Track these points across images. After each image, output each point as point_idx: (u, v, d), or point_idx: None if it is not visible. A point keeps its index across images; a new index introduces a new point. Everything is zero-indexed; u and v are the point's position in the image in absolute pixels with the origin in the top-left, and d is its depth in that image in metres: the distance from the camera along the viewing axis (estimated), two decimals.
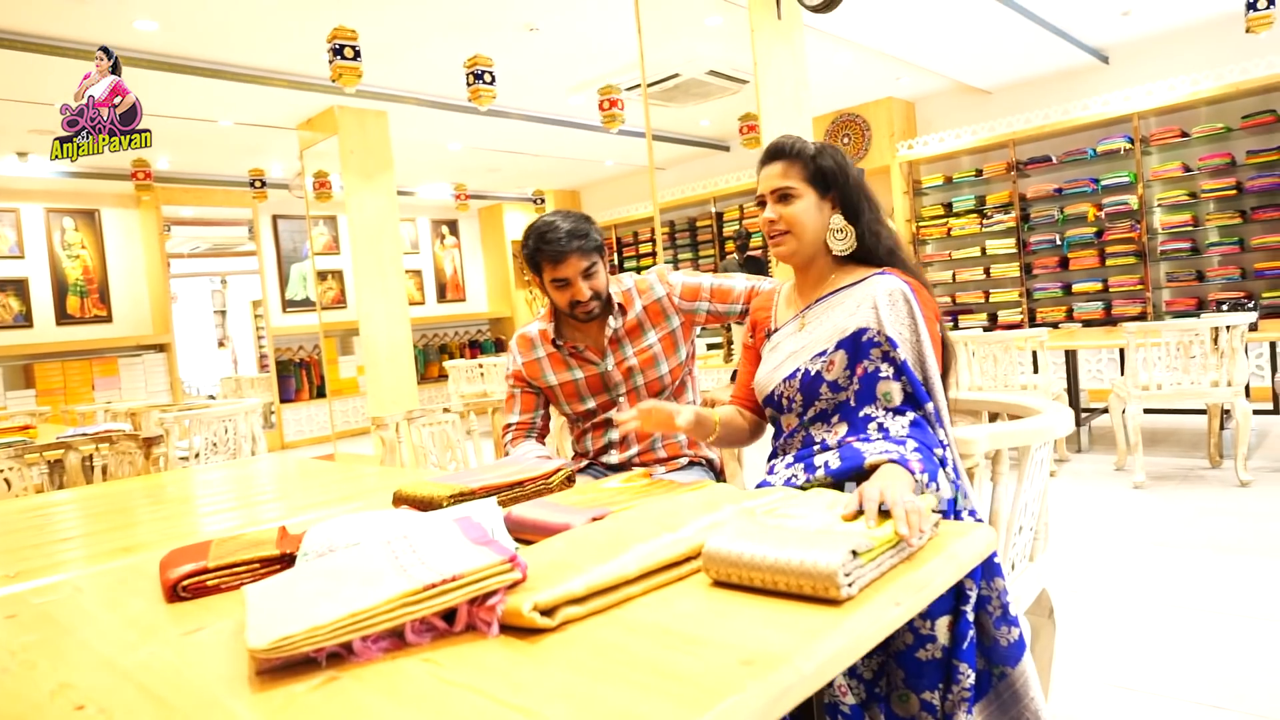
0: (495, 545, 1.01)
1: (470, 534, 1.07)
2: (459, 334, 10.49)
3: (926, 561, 1.04)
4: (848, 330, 1.41)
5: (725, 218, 8.67)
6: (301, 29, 4.54)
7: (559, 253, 1.89)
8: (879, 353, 1.37)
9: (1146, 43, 6.20)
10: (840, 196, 1.49)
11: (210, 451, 3.81)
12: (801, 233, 1.48)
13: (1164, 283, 6.22)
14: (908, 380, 1.35)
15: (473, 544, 1.03)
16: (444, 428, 2.74)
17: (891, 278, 1.42)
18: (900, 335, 1.37)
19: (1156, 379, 3.69)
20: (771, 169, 1.51)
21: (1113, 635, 2.31)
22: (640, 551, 1.05)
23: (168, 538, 1.56)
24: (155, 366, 7.78)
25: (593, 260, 1.92)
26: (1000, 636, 1.18)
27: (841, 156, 1.51)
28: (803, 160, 1.49)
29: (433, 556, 1.01)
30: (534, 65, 5.53)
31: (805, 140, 1.52)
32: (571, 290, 1.91)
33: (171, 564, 1.23)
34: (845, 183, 1.49)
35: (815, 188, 1.48)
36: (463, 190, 9.25)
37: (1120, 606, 2.50)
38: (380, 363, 5.85)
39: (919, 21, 5.30)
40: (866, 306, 1.40)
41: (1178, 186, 6.06)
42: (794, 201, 1.48)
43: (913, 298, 1.39)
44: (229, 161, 7.33)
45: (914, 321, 1.38)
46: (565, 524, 1.22)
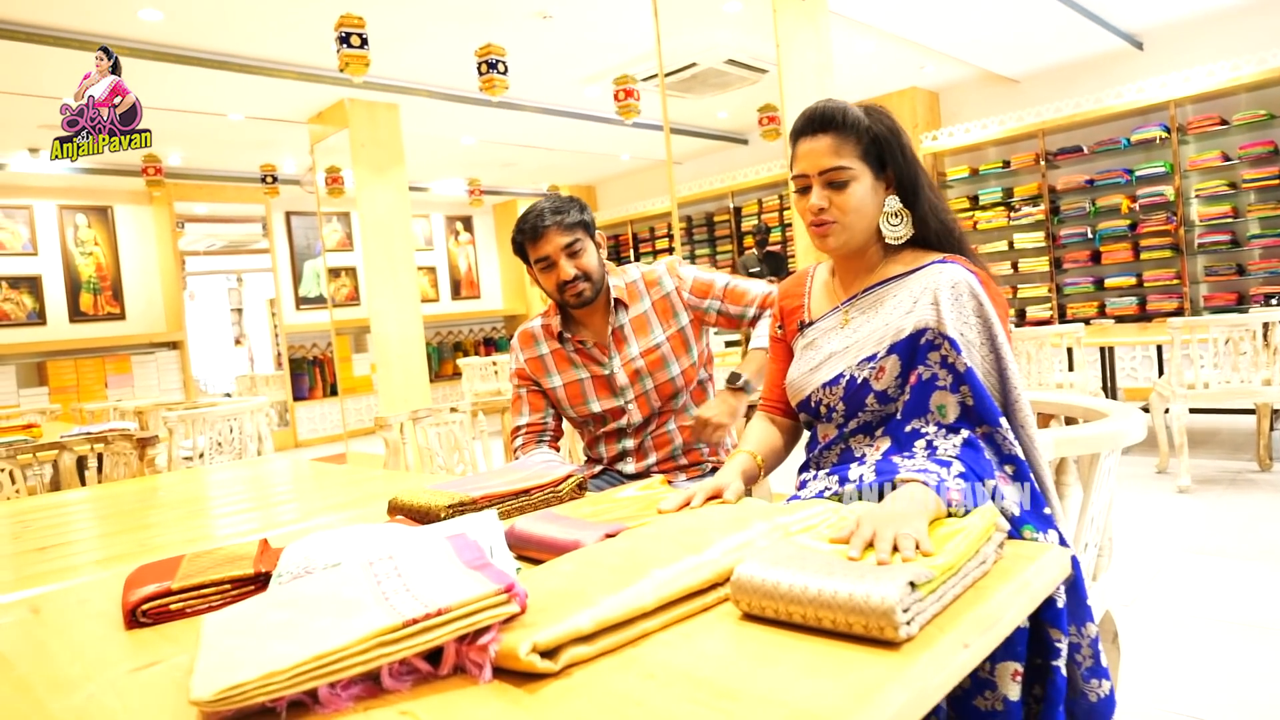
0: (490, 570, 0.87)
1: (464, 555, 0.93)
2: (473, 331, 10.39)
3: (993, 591, 0.89)
4: (904, 331, 1.19)
5: (744, 212, 8.50)
6: (310, 18, 4.43)
7: (537, 229, 1.77)
8: (936, 357, 1.15)
9: (1183, 26, 5.96)
10: (897, 173, 1.25)
11: (215, 451, 3.70)
12: (855, 221, 1.24)
13: (1202, 277, 5.99)
14: (970, 391, 1.12)
15: (466, 568, 0.89)
16: (451, 428, 2.61)
17: (955, 267, 1.19)
18: (964, 337, 1.14)
19: (1203, 377, 3.49)
20: (816, 144, 1.24)
21: (1168, 656, 2.13)
22: (658, 578, 0.89)
23: (145, 549, 1.43)
24: (168, 364, 7.73)
25: (575, 236, 1.78)
26: (1090, 691, 1.00)
27: (893, 121, 1.27)
28: (856, 132, 1.23)
29: (419, 582, 0.87)
30: (548, 55, 5.39)
31: (850, 105, 1.25)
32: (556, 271, 1.78)
33: (136, 583, 1.10)
34: (903, 155, 1.25)
35: (870, 165, 1.24)
36: (477, 185, 9.14)
37: (1176, 624, 2.32)
38: (391, 360, 5.74)
39: (946, 6, 5.11)
40: (925, 302, 1.18)
41: (1216, 176, 5.83)
42: (849, 185, 1.23)
43: (981, 292, 1.16)
44: (240, 157, 7.26)
45: (984, 322, 1.15)
46: (575, 541, 1.08)
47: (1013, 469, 1.10)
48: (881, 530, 0.91)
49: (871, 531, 0.91)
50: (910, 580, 0.79)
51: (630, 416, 1.87)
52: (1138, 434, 1.22)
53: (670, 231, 9.24)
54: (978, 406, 1.12)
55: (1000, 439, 1.11)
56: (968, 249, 1.30)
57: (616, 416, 1.88)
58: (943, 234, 1.28)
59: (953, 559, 0.87)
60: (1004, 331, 1.16)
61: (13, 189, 7.02)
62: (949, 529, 0.97)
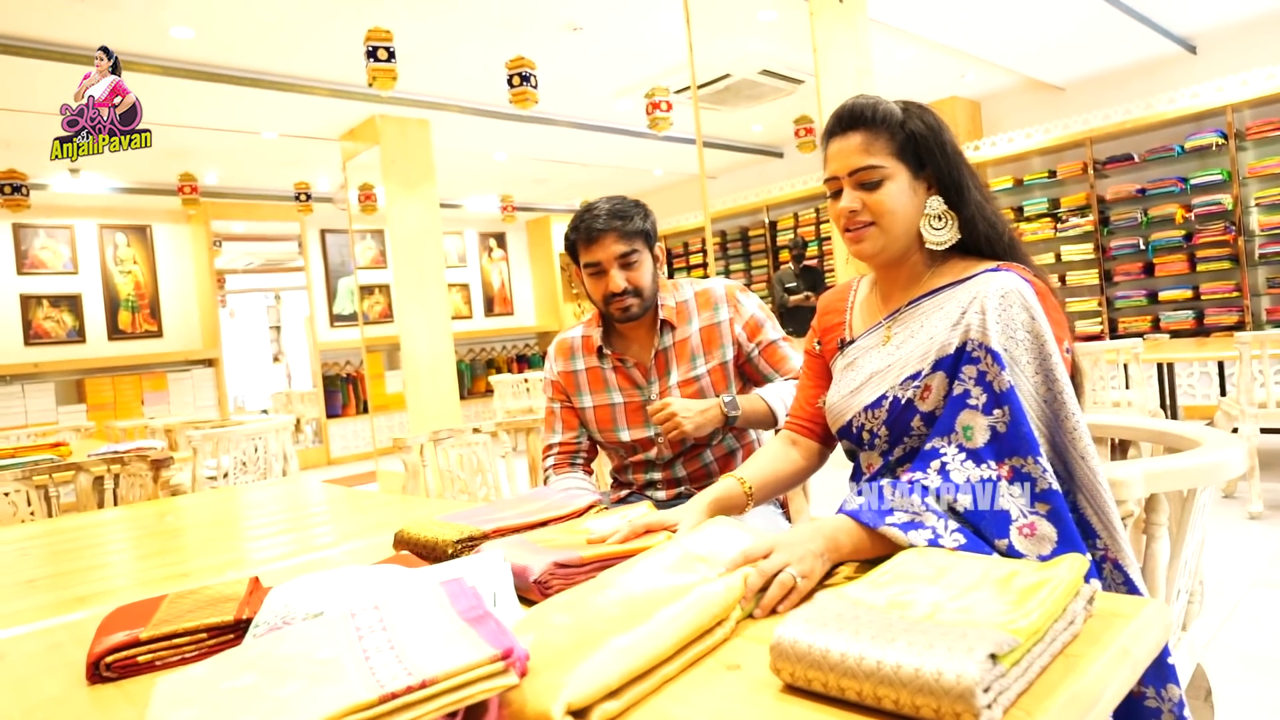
0: (487, 625, 0.74)
1: (458, 604, 0.81)
2: (506, 348, 10.35)
3: (1088, 661, 0.74)
4: (950, 346, 1.05)
5: (779, 226, 8.35)
6: (340, 35, 4.41)
7: (593, 231, 1.63)
8: (973, 371, 1.01)
9: (1240, 28, 5.71)
10: (937, 172, 1.14)
11: (240, 471, 3.65)
12: (891, 224, 1.13)
13: (1263, 289, 5.69)
14: (1007, 415, 0.97)
15: (459, 620, 0.77)
16: (475, 449, 2.50)
17: (1008, 275, 1.05)
18: (1008, 353, 1.00)
19: (1275, 395, 3.26)
20: (847, 142, 1.15)
21: (1256, 709, 1.93)
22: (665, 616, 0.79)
23: (135, 584, 1.33)
24: (204, 382, 7.78)
25: (633, 246, 1.64)
26: None
27: (933, 117, 1.16)
28: (889, 128, 1.14)
29: (405, 639, 0.75)
30: (578, 68, 5.32)
31: (885, 100, 1.16)
32: (606, 280, 1.64)
33: (107, 629, 0.99)
34: (943, 152, 1.14)
35: (907, 163, 1.14)
36: (509, 202, 9.11)
37: (1263, 671, 2.12)
38: (421, 378, 5.68)
39: (988, 12, 4.94)
40: (973, 311, 1.04)
41: (1278, 184, 5.55)
42: (883, 185, 1.13)
43: (1035, 304, 1.02)
44: (275, 174, 7.30)
45: (1035, 338, 1.00)
46: (523, 568, 1.00)
47: (1047, 508, 0.94)
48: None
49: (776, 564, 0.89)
50: (991, 652, 0.65)
51: (660, 451, 1.74)
52: (1240, 465, 1.06)
53: (704, 246, 9.12)
54: (1011, 435, 0.97)
55: (1037, 474, 0.95)
56: (1023, 255, 1.16)
57: (646, 448, 1.75)
58: (993, 238, 1.15)
59: (1039, 621, 0.73)
60: (1059, 350, 1.01)
61: (54, 209, 7.14)
62: (1027, 579, 0.82)
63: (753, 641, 0.83)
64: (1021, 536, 0.93)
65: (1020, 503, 0.94)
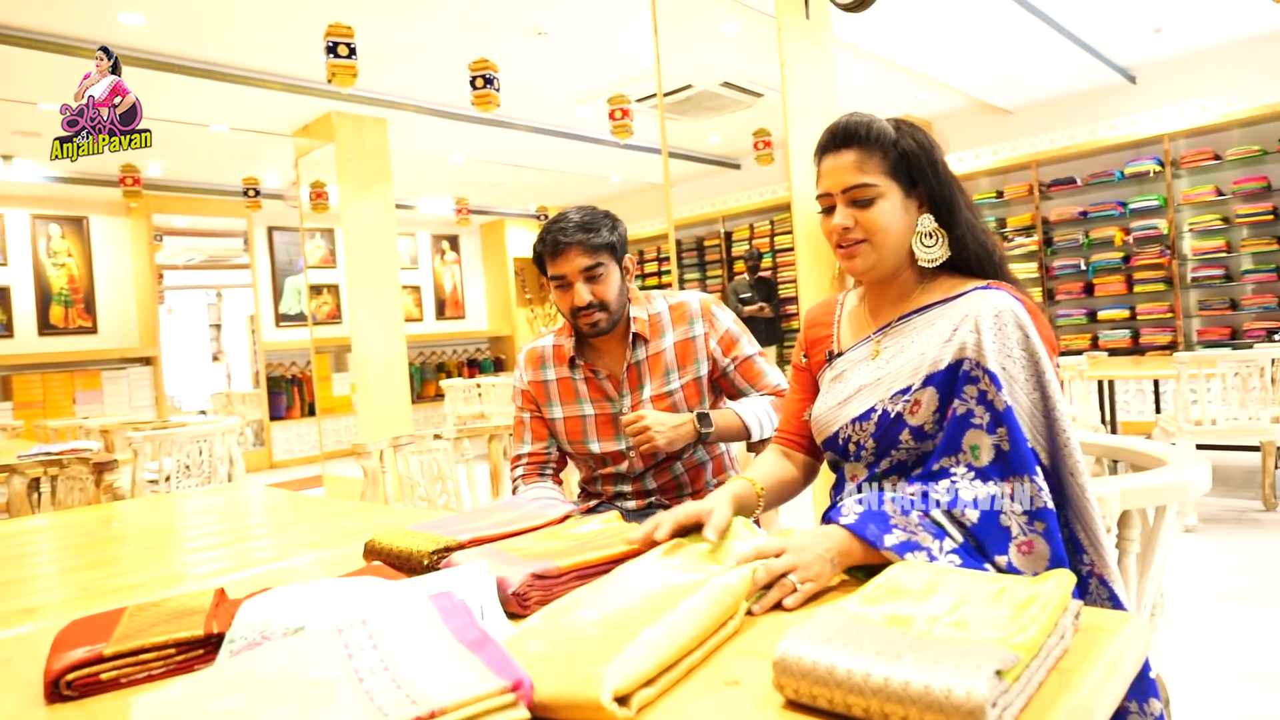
0: (489, 649, 0.72)
1: (452, 622, 0.78)
2: (457, 352, 10.22)
3: (1081, 676, 0.75)
4: (942, 362, 1.07)
5: (734, 237, 8.42)
6: (299, 29, 4.31)
7: (559, 244, 1.61)
8: (974, 391, 1.03)
9: (1177, 62, 5.97)
10: (929, 190, 1.17)
11: (183, 475, 3.51)
12: (883, 241, 1.15)
13: (1195, 311, 5.95)
14: (1007, 434, 1.00)
15: (458, 644, 0.74)
16: (435, 456, 2.46)
17: (1000, 293, 1.08)
18: (1006, 371, 1.02)
19: (1210, 413, 3.40)
20: (840, 160, 1.16)
21: (1193, 711, 2.00)
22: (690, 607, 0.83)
23: (86, 595, 1.27)
24: (140, 380, 7.49)
25: (599, 260, 1.62)
26: None
27: (925, 136, 1.18)
28: (882, 146, 1.15)
29: (401, 661, 0.72)
30: (541, 73, 5.30)
31: (878, 118, 1.17)
32: (571, 294, 1.63)
33: (65, 644, 0.94)
34: (934, 171, 1.16)
35: (899, 181, 1.16)
36: (464, 205, 9.01)
37: (1202, 678, 2.19)
38: (372, 381, 5.56)
39: (943, 33, 5.07)
40: (966, 329, 1.06)
41: (1210, 211, 5.82)
42: (875, 203, 1.14)
43: (1028, 323, 1.05)
44: (223, 169, 7.09)
45: (1030, 356, 1.03)
46: (502, 579, 0.99)
47: (1043, 526, 0.97)
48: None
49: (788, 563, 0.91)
50: (997, 669, 0.66)
51: (632, 464, 1.72)
52: (1206, 483, 1.10)
53: (661, 254, 9.15)
54: (1012, 453, 1.00)
55: (1033, 492, 0.98)
56: (1010, 274, 1.19)
57: (616, 460, 1.73)
58: (983, 257, 1.18)
59: (1035, 636, 0.74)
60: (1052, 367, 1.04)
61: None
62: (1018, 594, 0.83)
63: (750, 656, 0.83)
64: (1020, 554, 0.95)
65: (1020, 520, 0.96)
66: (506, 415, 6.56)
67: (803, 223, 3.12)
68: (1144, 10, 5.02)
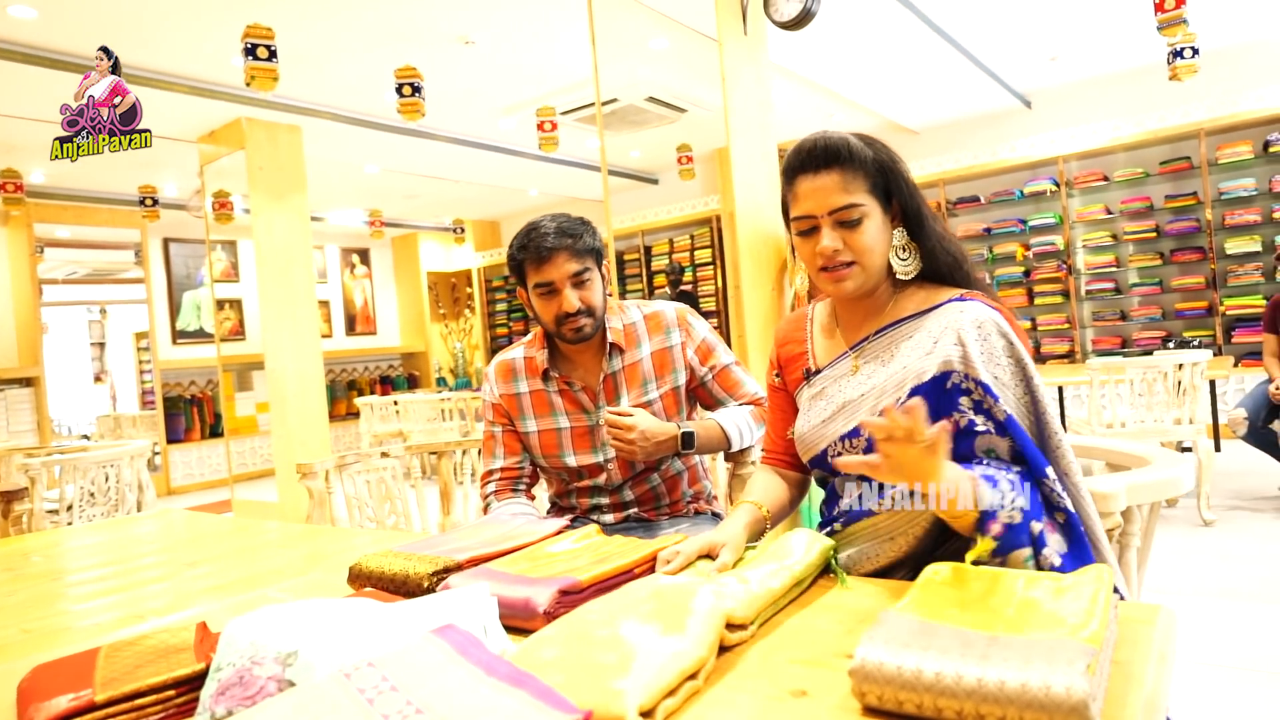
0: (532, 685, 0.68)
1: (474, 658, 0.73)
2: (369, 369, 9.88)
3: (1140, 668, 0.76)
4: (926, 374, 1.08)
5: (654, 251, 8.47)
6: (208, 30, 4.08)
7: (543, 250, 1.56)
8: (969, 403, 1.05)
9: (1070, 89, 6.39)
10: (902, 204, 1.16)
11: (87, 503, 3.24)
12: (871, 262, 1.14)
13: (1089, 322, 6.35)
14: (1014, 440, 1.03)
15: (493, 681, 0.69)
16: (382, 475, 2.35)
17: (977, 304, 1.10)
18: (998, 380, 1.04)
19: (1120, 416, 3.62)
20: (821, 181, 1.13)
21: None
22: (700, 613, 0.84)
23: (31, 640, 1.14)
24: (20, 403, 6.91)
25: (585, 265, 1.59)
26: None
27: (891, 149, 1.18)
28: (863, 165, 1.13)
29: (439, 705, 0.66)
30: (466, 83, 5.20)
31: (849, 135, 1.15)
32: (559, 300, 1.58)
33: (39, 692, 0.83)
34: (905, 185, 1.16)
35: (879, 199, 1.14)
36: (377, 217, 8.74)
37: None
38: (287, 400, 5.30)
39: (858, 55, 5.27)
40: (948, 342, 1.07)
41: (1100, 228, 6.23)
42: (862, 223, 1.13)
43: (1010, 331, 1.08)
44: (116, 176, 6.64)
45: (1017, 363, 1.06)
46: (526, 599, 0.97)
47: (1063, 518, 1.01)
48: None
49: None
50: (1087, 663, 0.66)
51: (610, 476, 1.68)
52: (1191, 479, 1.15)
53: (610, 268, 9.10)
54: (1025, 456, 1.03)
55: (1048, 489, 1.02)
56: (981, 282, 1.21)
57: (593, 474, 1.69)
58: (953, 266, 1.19)
59: (1099, 629, 0.75)
60: (1038, 372, 1.08)
61: None
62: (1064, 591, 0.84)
63: (809, 666, 0.81)
64: (1050, 531, 0.98)
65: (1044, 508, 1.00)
66: (428, 433, 6.36)
67: (746, 235, 3.15)
68: (1040, 39, 5.36)
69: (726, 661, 0.83)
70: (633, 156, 7.60)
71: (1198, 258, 5.81)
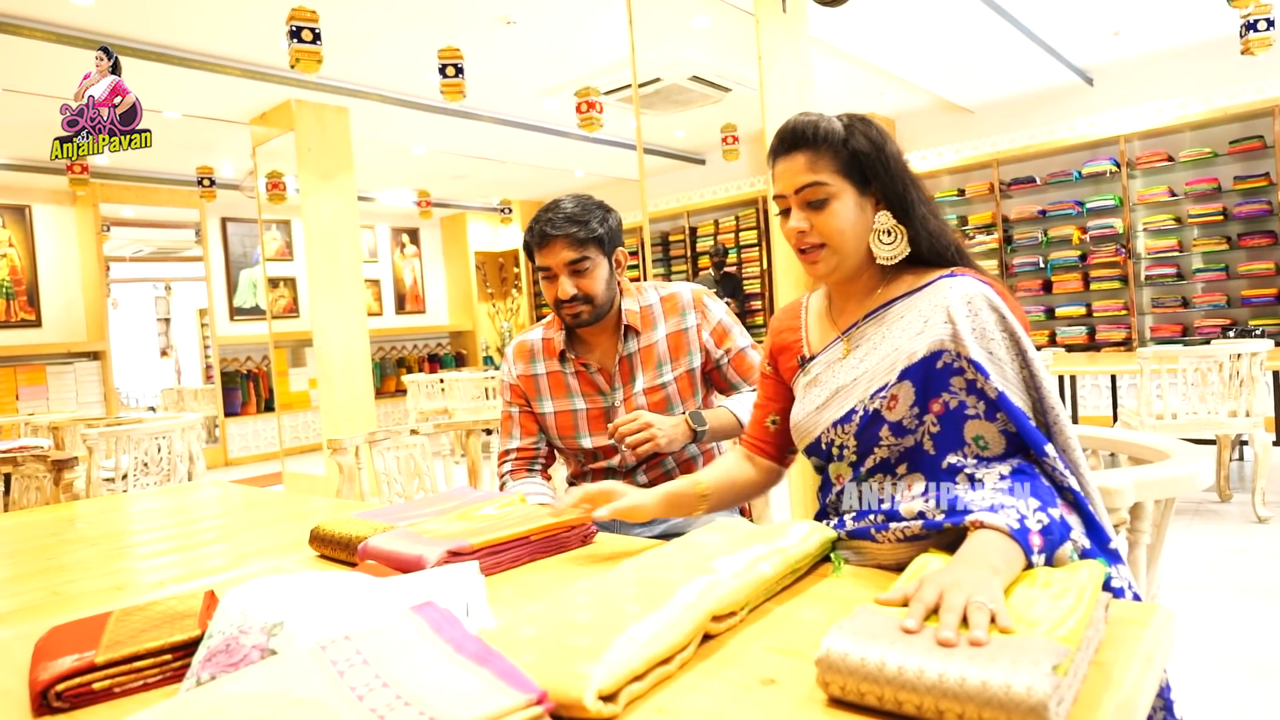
0: (497, 663, 0.69)
1: (447, 635, 0.74)
2: (418, 347, 10.06)
3: (1121, 669, 0.74)
4: (916, 354, 1.06)
5: (699, 233, 8.43)
6: (259, 13, 4.17)
7: (545, 236, 1.58)
8: (961, 383, 1.02)
9: (1133, 65, 6.12)
10: (883, 187, 1.14)
11: (141, 473, 3.39)
12: (841, 244, 1.13)
13: (1148, 308, 6.12)
14: (1008, 418, 0.99)
15: (459, 658, 0.70)
16: (411, 452, 2.40)
17: (967, 279, 1.07)
18: (992, 355, 1.01)
19: (1172, 407, 3.49)
20: (791, 163, 1.14)
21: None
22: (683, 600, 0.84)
23: (59, 599, 1.20)
24: (88, 376, 7.22)
25: (585, 254, 1.59)
26: None
27: (877, 131, 1.15)
28: (832, 146, 1.13)
29: (405, 680, 0.67)
30: (508, 64, 5.22)
31: (828, 117, 1.15)
32: (555, 286, 1.60)
33: (49, 652, 0.88)
34: (886, 168, 1.14)
35: (852, 180, 1.13)
36: (426, 197, 8.86)
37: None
38: (334, 377, 5.43)
39: (909, 31, 5.12)
40: (938, 320, 1.05)
41: (1163, 211, 5.98)
42: (829, 204, 1.12)
43: (1000, 303, 1.04)
44: (175, 158, 6.86)
45: (1011, 336, 1.03)
46: (418, 557, 1.06)
47: (1070, 498, 0.98)
48: (950, 598, 0.76)
49: (936, 597, 0.77)
50: (1054, 663, 0.65)
51: (624, 458, 1.69)
52: (1210, 476, 1.11)
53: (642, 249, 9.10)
54: (1025, 434, 0.99)
55: (1050, 468, 0.98)
56: (971, 262, 1.17)
57: (608, 455, 1.70)
58: (940, 249, 1.16)
59: (1076, 627, 0.73)
60: (1032, 344, 1.04)
61: None
62: (1051, 586, 0.83)
63: (782, 655, 0.81)
64: (1067, 513, 0.96)
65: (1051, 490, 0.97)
66: (471, 410, 6.46)
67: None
68: (1103, 13, 5.14)
69: (704, 647, 0.84)
70: (678, 136, 7.55)
71: (1268, 242, 5.54)
